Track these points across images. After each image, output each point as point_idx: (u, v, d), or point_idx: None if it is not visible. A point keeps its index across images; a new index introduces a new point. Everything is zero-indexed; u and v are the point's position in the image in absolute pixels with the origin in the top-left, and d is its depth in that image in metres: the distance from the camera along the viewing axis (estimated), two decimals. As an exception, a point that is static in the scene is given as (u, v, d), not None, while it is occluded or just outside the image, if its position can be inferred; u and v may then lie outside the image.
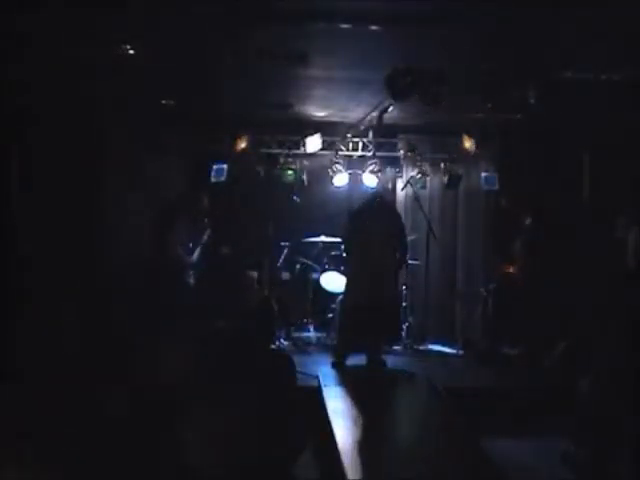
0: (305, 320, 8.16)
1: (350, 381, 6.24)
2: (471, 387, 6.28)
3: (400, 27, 4.88)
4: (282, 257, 8.09)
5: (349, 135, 8.28)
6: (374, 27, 4.87)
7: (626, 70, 5.74)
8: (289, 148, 8.19)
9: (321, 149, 8.08)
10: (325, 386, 5.89)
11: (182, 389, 4.34)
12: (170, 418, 4.13)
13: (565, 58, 5.57)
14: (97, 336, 6.24)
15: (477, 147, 7.88)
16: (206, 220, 7.48)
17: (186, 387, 4.31)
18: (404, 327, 7.71)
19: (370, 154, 8.26)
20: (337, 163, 8.22)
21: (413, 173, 8.34)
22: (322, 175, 8.37)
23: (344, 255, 7.32)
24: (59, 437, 4.21)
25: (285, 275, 8.17)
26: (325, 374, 6.33)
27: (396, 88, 5.68)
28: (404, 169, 8.54)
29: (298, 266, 8.22)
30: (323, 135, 7.98)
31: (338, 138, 8.28)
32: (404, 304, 7.76)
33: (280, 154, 8.17)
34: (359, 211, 7.05)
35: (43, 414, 4.50)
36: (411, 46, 5.36)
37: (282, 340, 7.78)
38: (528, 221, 7.50)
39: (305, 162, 8.32)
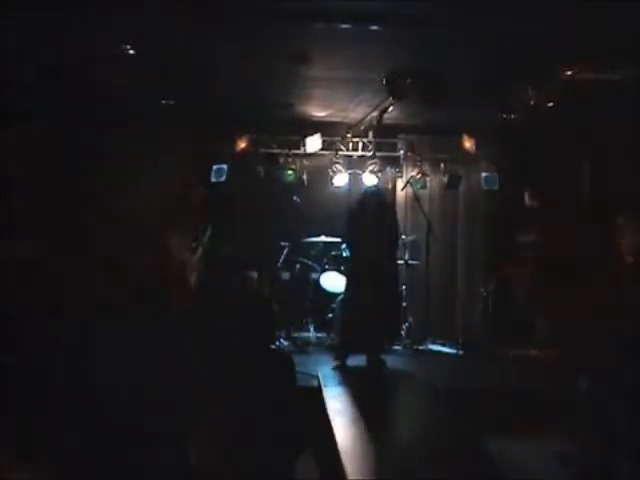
0: (305, 320, 8.15)
1: (350, 381, 6.23)
2: (471, 387, 6.27)
3: (400, 27, 4.89)
4: (282, 257, 8.08)
5: (349, 135, 8.28)
6: (374, 27, 4.88)
7: (626, 70, 5.74)
8: (289, 148, 8.19)
9: (321, 149, 8.08)
10: (325, 386, 5.88)
11: (182, 389, 4.34)
12: (170, 418, 4.13)
13: (565, 58, 5.57)
14: (97, 336, 6.23)
15: (477, 147, 7.87)
16: (206, 220, 7.47)
17: (186, 387, 4.31)
18: (404, 327, 7.71)
19: (370, 154, 8.26)
20: (337, 163, 8.21)
21: (413, 173, 8.34)
22: (322, 175, 8.36)
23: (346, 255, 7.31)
24: (61, 435, 4.21)
25: (285, 275, 8.16)
26: (325, 374, 6.32)
27: (396, 88, 5.69)
28: (404, 169, 8.53)
29: (298, 266, 8.21)
30: (323, 135, 7.98)
31: (338, 138, 8.28)
32: (404, 304, 7.77)
33: (280, 154, 8.17)
34: (358, 210, 7.03)
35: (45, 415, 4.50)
36: (411, 46, 5.36)
37: (282, 340, 7.77)
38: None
39: (305, 162, 8.32)
